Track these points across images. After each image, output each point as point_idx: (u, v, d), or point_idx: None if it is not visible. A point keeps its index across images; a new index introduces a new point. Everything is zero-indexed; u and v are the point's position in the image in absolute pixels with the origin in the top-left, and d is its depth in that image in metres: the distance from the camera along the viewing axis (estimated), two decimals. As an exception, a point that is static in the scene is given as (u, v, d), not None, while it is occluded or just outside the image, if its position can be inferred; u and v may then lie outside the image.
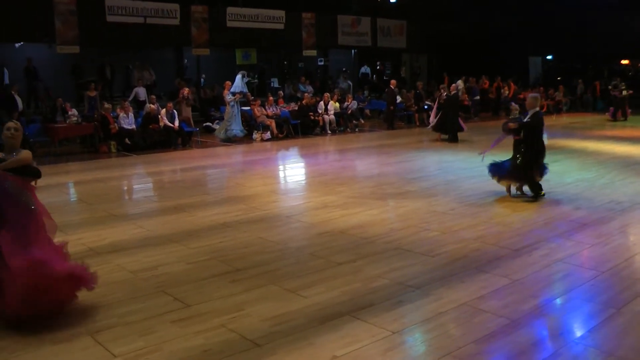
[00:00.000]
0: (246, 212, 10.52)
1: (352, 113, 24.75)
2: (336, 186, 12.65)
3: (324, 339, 5.52)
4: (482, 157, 12.20)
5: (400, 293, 6.64)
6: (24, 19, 21.51)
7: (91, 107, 20.94)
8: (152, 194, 13.39)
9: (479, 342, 5.41)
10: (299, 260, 7.93)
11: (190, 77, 29.23)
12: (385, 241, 8.59)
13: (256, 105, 22.16)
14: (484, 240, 8.57)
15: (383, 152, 17.84)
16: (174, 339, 5.62)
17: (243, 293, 6.73)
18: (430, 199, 11.30)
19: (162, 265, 7.74)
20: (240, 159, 18.25)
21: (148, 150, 18.78)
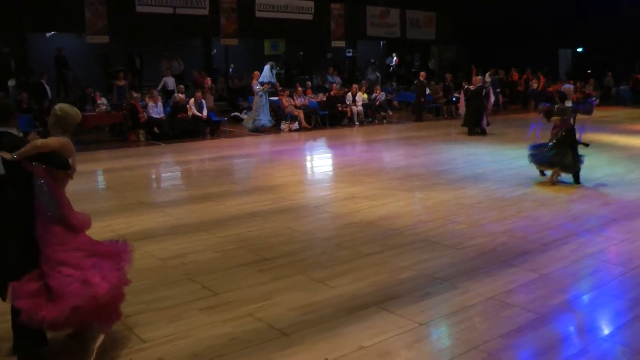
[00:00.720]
0: (274, 202, 10.56)
1: (380, 104, 24.68)
2: (364, 177, 12.64)
3: (351, 330, 5.54)
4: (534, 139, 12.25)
5: (427, 285, 6.63)
6: (55, 9, 21.66)
7: (120, 96, 21.08)
8: (180, 182, 13.47)
9: (506, 336, 5.39)
10: (326, 250, 7.95)
11: (219, 67, 29.33)
12: (413, 233, 8.58)
13: (284, 96, 22.19)
14: (512, 234, 8.53)
15: (411, 144, 17.78)
16: (202, 327, 5.67)
17: (271, 282, 6.77)
18: (457, 191, 11.25)
19: (191, 253, 7.80)
20: (268, 149, 18.28)
21: (176, 139, 18.87)
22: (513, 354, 5.12)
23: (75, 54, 24.85)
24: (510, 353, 5.13)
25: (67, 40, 24.71)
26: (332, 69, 29.08)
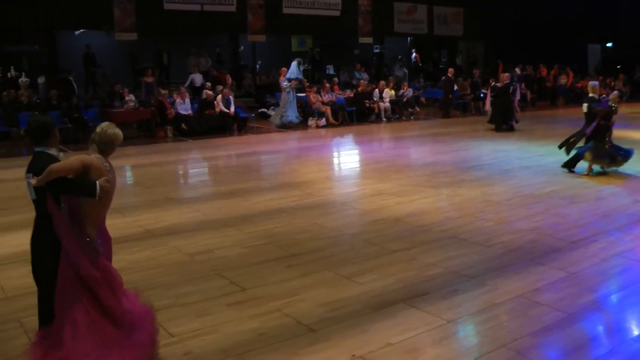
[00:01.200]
0: (301, 198, 10.59)
1: (408, 101, 24.60)
2: (391, 174, 12.63)
3: (379, 326, 5.54)
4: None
5: (455, 282, 6.62)
6: (84, 7, 21.85)
7: (148, 93, 21.25)
8: (208, 178, 13.55)
9: (534, 335, 5.36)
10: (353, 247, 7.96)
11: (246, 64, 29.43)
12: (441, 230, 8.56)
13: (312, 92, 22.20)
14: (540, 231, 8.47)
15: (438, 141, 17.72)
16: (229, 322, 5.71)
17: (298, 278, 6.80)
18: (485, 188, 11.20)
19: (218, 248, 7.85)
20: (295, 145, 18.32)
21: (204, 135, 18.97)
22: (541, 353, 5.09)
23: (103, 51, 25.10)
24: (538, 352, 5.10)
25: (95, 37, 24.98)
26: (360, 65, 29.04)
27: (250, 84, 27.30)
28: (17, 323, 5.80)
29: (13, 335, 5.56)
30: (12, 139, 18.49)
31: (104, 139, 4.83)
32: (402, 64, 31.42)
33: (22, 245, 8.04)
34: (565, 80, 29.43)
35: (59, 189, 4.62)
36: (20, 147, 17.48)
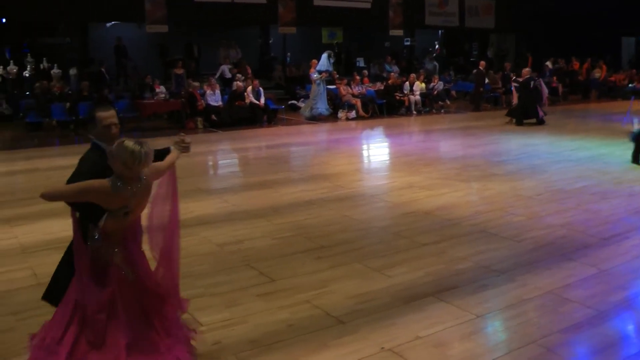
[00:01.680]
0: (331, 190, 10.60)
1: (438, 94, 24.49)
2: (421, 167, 12.60)
3: (408, 319, 5.55)
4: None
5: (484, 277, 6.59)
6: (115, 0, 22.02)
7: (178, 85, 21.40)
8: (238, 169, 13.63)
9: (564, 332, 5.32)
10: (383, 239, 7.96)
11: (276, 55, 29.48)
12: (471, 224, 8.53)
13: (342, 84, 22.19)
14: (571, 227, 8.39)
15: (468, 134, 17.62)
16: (259, 312, 5.75)
17: (327, 270, 6.82)
18: (515, 182, 11.12)
19: (248, 239, 7.89)
20: (325, 138, 18.33)
21: (234, 126, 19.05)
22: (571, 351, 5.06)
23: (134, 43, 25.31)
24: (568, 349, 5.06)
25: (126, 30, 25.16)
26: (390, 58, 28.95)
27: (280, 76, 27.34)
28: (49, 309, 5.87)
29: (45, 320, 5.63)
30: (44, 129, 18.71)
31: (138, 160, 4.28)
32: (432, 57, 31.25)
33: (54, 232, 8.23)
34: (599, 74, 29.06)
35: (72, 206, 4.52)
36: (52, 137, 17.72)
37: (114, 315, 4.40)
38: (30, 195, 10.56)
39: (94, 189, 4.24)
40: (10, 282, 6.64)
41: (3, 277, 6.79)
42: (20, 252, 7.65)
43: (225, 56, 25.26)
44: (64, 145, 16.75)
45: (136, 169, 4.28)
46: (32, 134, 18.27)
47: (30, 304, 5.97)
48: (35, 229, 8.59)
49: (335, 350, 5.01)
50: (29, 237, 8.21)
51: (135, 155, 4.21)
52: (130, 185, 4.31)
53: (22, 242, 8.00)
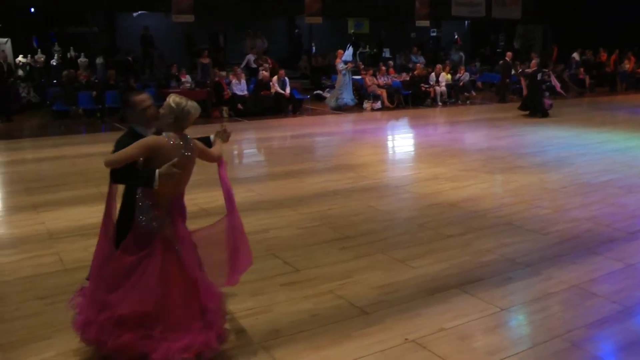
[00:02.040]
0: (356, 181, 10.60)
1: (464, 85, 24.37)
2: (446, 158, 12.55)
3: (432, 311, 5.54)
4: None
5: (509, 269, 6.56)
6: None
7: (204, 74, 21.46)
8: (263, 159, 13.66)
9: (590, 327, 5.27)
10: (408, 230, 7.95)
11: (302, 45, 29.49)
12: (496, 216, 8.48)
13: (368, 75, 22.15)
14: (597, 221, 8.32)
15: (494, 126, 17.51)
16: (283, 302, 5.77)
17: (352, 260, 6.82)
18: (541, 175, 11.05)
19: (273, 229, 7.91)
20: (350, 128, 18.33)
21: (259, 116, 19.09)
22: (596, 346, 5.01)
23: (161, 32, 25.40)
24: (593, 345, 5.01)
25: (153, 19, 25.27)
26: (416, 49, 28.83)
27: (306, 66, 27.34)
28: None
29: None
30: (71, 117, 18.86)
31: (181, 114, 4.62)
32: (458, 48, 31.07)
33: (80, 219, 8.33)
34: (628, 65, 28.70)
35: (117, 180, 4.67)
36: (79, 125, 17.87)
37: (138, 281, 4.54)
38: (56, 182, 10.73)
39: (153, 141, 4.52)
40: (38, 267, 6.72)
41: (31, 262, 6.87)
42: (47, 237, 7.73)
43: (251, 46, 25.30)
44: (90, 133, 16.91)
45: (183, 120, 4.62)
46: (58, 121, 18.44)
47: (57, 289, 6.06)
48: (62, 216, 8.68)
49: (359, 341, 5.01)
50: (55, 224, 8.29)
51: (181, 105, 4.59)
52: (184, 140, 4.65)
53: (49, 228, 8.08)
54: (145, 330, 4.45)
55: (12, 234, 7.97)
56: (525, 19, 33.51)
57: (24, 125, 18.33)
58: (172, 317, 4.52)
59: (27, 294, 5.98)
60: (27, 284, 6.25)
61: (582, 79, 27.29)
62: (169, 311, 4.52)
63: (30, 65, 22.71)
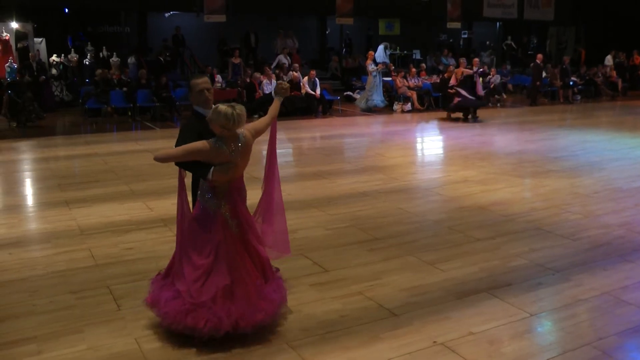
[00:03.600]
0: (385, 182, 10.60)
1: (495, 87, 24.20)
2: (476, 161, 12.50)
3: (461, 314, 5.53)
4: None
5: (539, 275, 6.52)
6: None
7: (235, 74, 21.56)
8: (292, 159, 13.68)
9: (621, 335, 5.21)
10: (437, 233, 7.93)
11: (333, 46, 29.50)
12: (526, 220, 8.43)
13: (398, 77, 22.11)
14: (630, 227, 8.22)
15: (525, 129, 17.38)
16: (312, 302, 5.79)
17: (381, 262, 6.83)
18: (572, 179, 10.96)
19: (302, 229, 7.93)
20: (380, 129, 18.30)
21: (289, 116, 19.12)
22: (628, 355, 4.95)
23: (192, 32, 25.59)
24: (624, 354, 4.96)
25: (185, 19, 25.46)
26: (447, 51, 28.71)
27: (337, 67, 27.36)
28: (106, 289, 6.04)
29: (102, 301, 5.80)
30: (103, 116, 19.06)
31: (227, 124, 4.81)
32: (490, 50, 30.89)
33: (111, 216, 8.44)
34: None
35: (180, 164, 5.06)
36: (111, 124, 18.05)
37: (217, 259, 4.98)
38: (88, 179, 10.86)
39: (197, 150, 4.82)
40: (70, 261, 6.83)
41: (63, 256, 6.98)
42: (78, 233, 7.84)
43: (282, 46, 25.37)
44: (121, 131, 17.06)
45: (232, 129, 4.85)
46: (91, 120, 18.64)
47: (88, 284, 6.18)
48: (93, 212, 8.79)
49: (387, 343, 5.02)
50: (86, 220, 8.41)
51: (228, 117, 4.77)
52: (230, 144, 4.91)
53: (80, 224, 8.19)
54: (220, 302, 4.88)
55: (45, 229, 8.09)
56: (558, 21, 33.19)
57: (57, 123, 18.55)
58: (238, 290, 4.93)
59: (59, 288, 6.08)
60: (60, 278, 6.35)
61: (615, 82, 26.99)
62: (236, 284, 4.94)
63: (63, 65, 22.97)
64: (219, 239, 4.99)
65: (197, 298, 4.88)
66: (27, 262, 6.84)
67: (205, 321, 4.80)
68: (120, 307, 5.64)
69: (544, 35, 35.58)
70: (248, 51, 26.24)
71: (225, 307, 4.85)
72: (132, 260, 6.90)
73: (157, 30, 26.00)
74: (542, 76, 24.33)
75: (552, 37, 35.64)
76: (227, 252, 4.98)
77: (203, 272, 4.97)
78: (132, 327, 5.26)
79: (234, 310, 4.86)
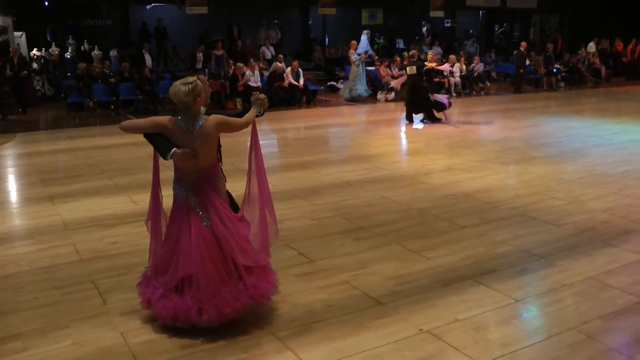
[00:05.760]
0: (370, 172, 10.60)
1: (479, 76, 24.25)
2: (461, 149, 12.52)
3: (447, 302, 5.54)
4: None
5: (524, 261, 6.54)
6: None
7: (218, 66, 21.47)
8: (277, 150, 13.65)
9: (606, 318, 5.24)
10: (422, 221, 7.94)
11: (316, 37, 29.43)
12: (510, 207, 8.46)
13: (382, 66, 22.10)
14: (613, 212, 8.27)
15: (509, 116, 17.43)
16: (298, 292, 5.78)
17: (366, 251, 6.83)
18: (557, 166, 11.00)
19: (287, 219, 7.90)
20: (364, 119, 18.31)
21: (273, 107, 19.04)
22: (613, 338, 4.96)
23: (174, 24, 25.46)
24: (609, 336, 4.97)
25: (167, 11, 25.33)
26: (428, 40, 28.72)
27: (320, 57, 27.32)
28: (91, 284, 6.01)
29: (87, 296, 5.77)
30: (85, 110, 18.94)
31: (174, 98, 4.91)
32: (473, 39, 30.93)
33: (95, 210, 8.39)
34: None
35: (147, 137, 5.04)
36: (93, 118, 17.94)
37: (177, 249, 5.00)
38: (72, 174, 10.80)
39: (159, 121, 4.95)
40: (55, 257, 6.78)
41: (47, 252, 6.93)
42: (63, 228, 7.79)
43: (265, 37, 25.28)
44: (104, 125, 16.94)
45: (187, 101, 4.84)
46: (73, 114, 18.50)
47: (73, 279, 6.14)
48: (77, 207, 8.74)
49: (373, 331, 5.02)
50: (71, 215, 8.35)
51: (181, 90, 4.82)
52: (189, 122, 4.91)
53: (65, 219, 8.14)
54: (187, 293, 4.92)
55: (28, 225, 8.03)
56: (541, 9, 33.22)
57: (40, 118, 18.42)
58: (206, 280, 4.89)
59: (44, 284, 6.04)
60: (44, 274, 6.30)
61: (598, 69, 27.10)
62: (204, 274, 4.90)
63: (44, 58, 22.78)
64: (182, 229, 5.00)
65: (164, 287, 5.00)
66: (11, 259, 6.79)
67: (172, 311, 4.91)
68: (106, 302, 5.61)
69: (527, 23, 35.62)
70: (231, 43, 26.13)
71: (186, 298, 4.91)
72: (117, 254, 6.86)
73: (139, 23, 25.84)
74: (525, 64, 24.38)
75: (536, 25, 35.70)
76: (190, 244, 4.94)
77: (166, 261, 5.07)
78: (118, 321, 5.23)
79: (195, 301, 4.89)
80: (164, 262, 5.09)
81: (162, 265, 5.10)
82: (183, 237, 4.98)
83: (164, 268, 5.07)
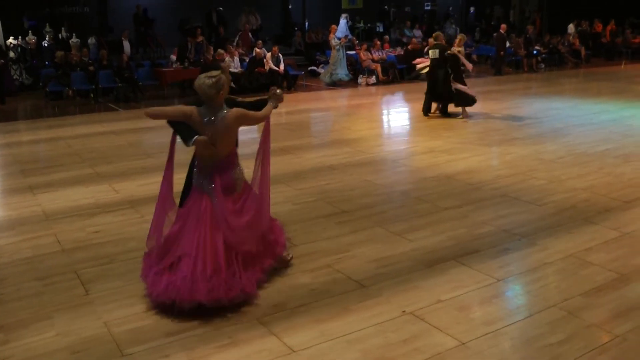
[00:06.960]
0: (352, 155, 10.61)
1: (459, 58, 24.21)
2: (442, 131, 12.55)
3: (430, 283, 5.57)
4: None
5: (506, 241, 6.59)
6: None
7: (197, 52, 21.33)
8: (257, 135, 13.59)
9: (586, 295, 5.31)
10: (404, 203, 7.97)
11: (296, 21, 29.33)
12: (492, 188, 8.51)
13: (362, 50, 22.06)
14: (594, 190, 8.35)
15: (490, 98, 17.43)
16: (281, 277, 5.78)
17: (349, 235, 6.85)
18: (537, 146, 11.06)
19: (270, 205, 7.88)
20: (345, 103, 18.29)
21: (254, 92, 18.97)
22: (593, 314, 5.01)
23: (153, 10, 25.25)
24: (589, 312, 5.03)
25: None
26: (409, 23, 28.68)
27: (300, 42, 27.22)
28: (73, 274, 5.98)
29: (70, 286, 5.73)
30: (64, 99, 18.78)
31: (199, 90, 5.12)
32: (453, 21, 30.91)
33: (77, 200, 8.34)
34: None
35: (171, 124, 5.46)
36: (73, 106, 17.80)
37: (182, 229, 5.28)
38: (52, 164, 10.71)
39: (186, 111, 5.19)
40: (36, 248, 6.72)
41: (28, 243, 6.88)
42: (44, 219, 7.73)
43: (245, 22, 25.15)
44: (84, 113, 16.82)
45: (210, 94, 5.06)
46: (52, 103, 18.35)
47: (55, 270, 6.10)
48: (58, 197, 8.68)
49: (357, 314, 5.04)
50: (52, 205, 8.29)
51: (205, 83, 5.04)
52: (211, 113, 5.16)
53: (46, 210, 8.08)
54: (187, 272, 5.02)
55: (9, 216, 7.96)
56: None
57: (18, 107, 18.25)
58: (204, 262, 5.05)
59: (26, 275, 5.99)
60: (26, 265, 6.26)
61: (578, 50, 27.19)
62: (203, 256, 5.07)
63: (21, 47, 22.52)
64: (192, 211, 5.27)
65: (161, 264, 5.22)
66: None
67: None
68: (89, 292, 5.58)
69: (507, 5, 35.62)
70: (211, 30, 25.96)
71: (178, 274, 5.05)
72: (100, 243, 6.82)
73: (118, 10, 25.61)
74: (505, 46, 24.40)
75: (516, 6, 35.72)
76: (196, 226, 5.18)
77: (169, 240, 5.32)
78: (101, 311, 5.21)
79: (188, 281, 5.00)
80: (167, 241, 5.32)
81: (165, 244, 5.32)
82: (190, 219, 5.23)
83: (167, 247, 5.29)
